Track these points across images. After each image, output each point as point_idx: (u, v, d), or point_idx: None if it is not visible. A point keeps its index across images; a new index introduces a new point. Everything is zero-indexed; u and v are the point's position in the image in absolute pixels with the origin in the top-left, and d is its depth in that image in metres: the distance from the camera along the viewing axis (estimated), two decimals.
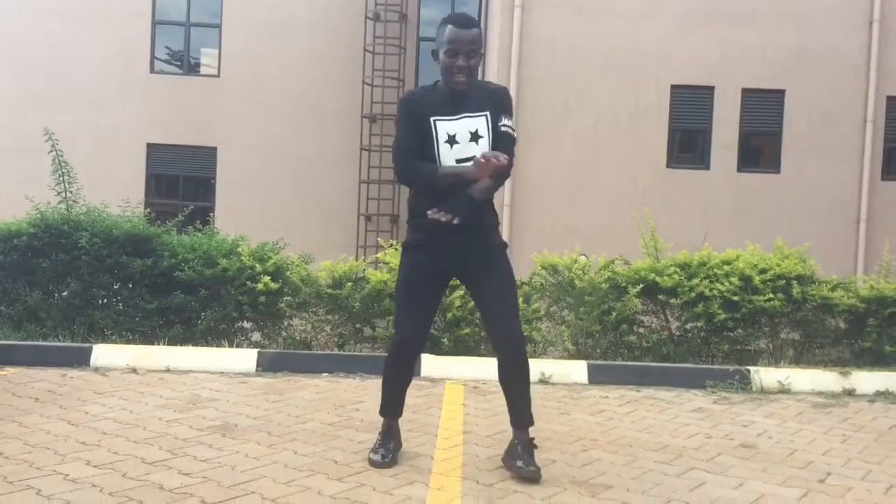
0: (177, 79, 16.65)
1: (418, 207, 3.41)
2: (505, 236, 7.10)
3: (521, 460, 3.35)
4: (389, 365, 3.58)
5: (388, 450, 3.52)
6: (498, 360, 3.48)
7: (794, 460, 3.81)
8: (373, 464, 3.46)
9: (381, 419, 3.63)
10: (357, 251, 14.95)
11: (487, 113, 3.37)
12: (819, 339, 6.33)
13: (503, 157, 3.14)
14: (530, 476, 3.31)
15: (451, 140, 3.34)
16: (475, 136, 3.36)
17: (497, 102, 3.41)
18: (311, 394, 4.89)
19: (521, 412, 3.45)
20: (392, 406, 3.63)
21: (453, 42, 3.29)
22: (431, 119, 3.34)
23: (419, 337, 3.54)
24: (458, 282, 4.31)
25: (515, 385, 3.45)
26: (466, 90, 3.34)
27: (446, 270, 3.54)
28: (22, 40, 16.05)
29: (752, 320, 6.17)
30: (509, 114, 3.44)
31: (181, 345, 5.94)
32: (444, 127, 3.34)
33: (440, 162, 3.34)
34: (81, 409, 4.27)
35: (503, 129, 3.37)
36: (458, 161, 3.33)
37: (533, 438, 3.46)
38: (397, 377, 3.60)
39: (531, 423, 3.47)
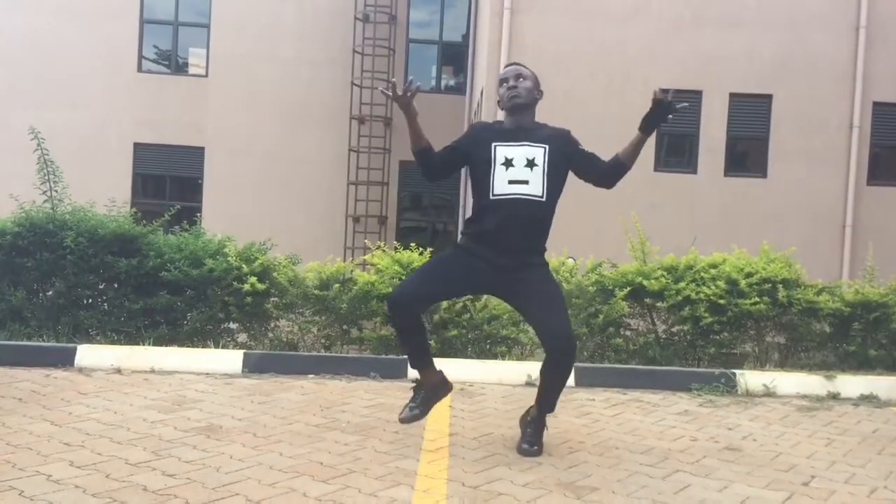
0: (164, 78, 16.60)
1: (472, 225, 3.76)
2: None
3: (526, 442, 3.73)
4: (392, 325, 3.93)
5: (416, 402, 3.78)
6: (546, 355, 3.66)
7: (778, 463, 3.83)
8: (401, 420, 3.75)
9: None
10: (345, 252, 14.95)
11: (547, 146, 3.68)
12: (804, 343, 6.36)
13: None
14: (531, 454, 3.68)
15: (508, 163, 3.64)
16: (531, 163, 3.65)
17: (560, 140, 3.76)
18: (296, 395, 4.87)
19: (551, 399, 3.75)
20: (414, 359, 3.83)
21: (503, 76, 3.80)
22: (493, 144, 3.66)
23: (412, 302, 3.64)
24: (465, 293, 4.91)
25: (556, 378, 3.68)
26: (527, 124, 3.75)
27: (481, 279, 3.75)
28: (8, 37, 15.97)
29: (738, 324, 6.20)
30: (579, 144, 3.82)
31: (166, 345, 5.91)
32: (503, 151, 3.66)
33: (493, 182, 3.61)
34: (65, 410, 4.24)
35: (582, 150, 3.80)
36: (510, 182, 3.62)
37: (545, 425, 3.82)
38: (402, 334, 3.77)
39: (552, 409, 3.82)
